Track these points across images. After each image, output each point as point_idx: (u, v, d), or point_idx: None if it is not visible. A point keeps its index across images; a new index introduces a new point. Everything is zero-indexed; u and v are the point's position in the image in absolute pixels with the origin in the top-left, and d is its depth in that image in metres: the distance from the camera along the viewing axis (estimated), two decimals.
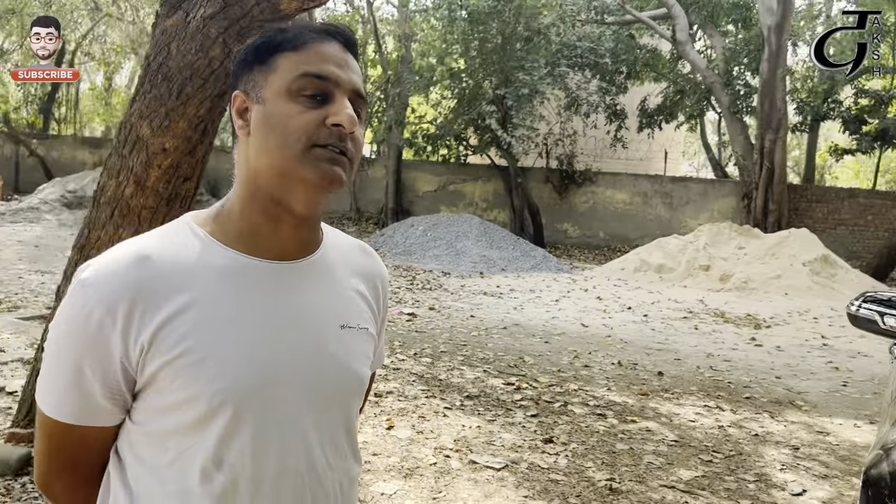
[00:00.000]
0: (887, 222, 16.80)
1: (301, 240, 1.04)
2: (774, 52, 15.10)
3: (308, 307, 1.03)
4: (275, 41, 1.00)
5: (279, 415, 0.98)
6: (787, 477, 4.03)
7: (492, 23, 15.31)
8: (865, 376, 6.63)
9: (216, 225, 1.02)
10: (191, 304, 0.95)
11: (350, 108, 0.97)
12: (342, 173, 0.96)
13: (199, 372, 0.93)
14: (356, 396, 1.09)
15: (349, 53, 1.02)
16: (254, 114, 0.99)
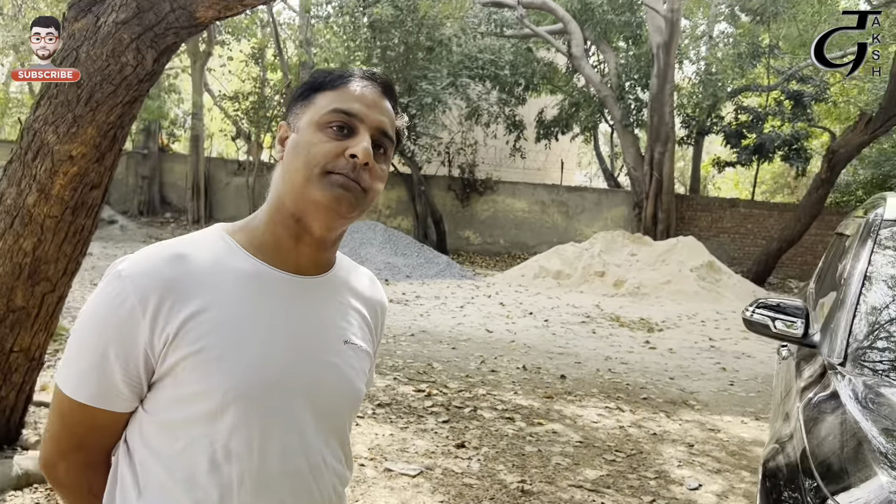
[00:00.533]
0: (765, 230, 18.03)
1: (317, 258, 1.15)
2: (663, 68, 15.93)
3: (317, 320, 1.14)
4: (318, 80, 1.13)
5: (284, 415, 1.07)
6: (685, 473, 4.29)
7: (394, 32, 15.39)
8: (750, 375, 7.11)
9: (244, 235, 1.13)
10: (214, 303, 1.04)
11: (368, 142, 1.07)
12: (350, 199, 1.06)
13: (216, 367, 1.02)
14: (353, 407, 1.19)
15: (386, 98, 1.14)
16: (289, 141, 1.11)
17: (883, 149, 19.45)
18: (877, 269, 2.54)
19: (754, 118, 19.10)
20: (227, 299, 1.05)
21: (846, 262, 2.71)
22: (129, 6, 3.00)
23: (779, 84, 19.11)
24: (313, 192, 1.05)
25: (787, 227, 15.59)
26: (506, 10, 17.94)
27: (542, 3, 17.74)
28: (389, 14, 14.90)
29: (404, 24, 15.21)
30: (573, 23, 17.30)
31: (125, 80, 3.06)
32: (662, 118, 16.20)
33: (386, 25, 15.22)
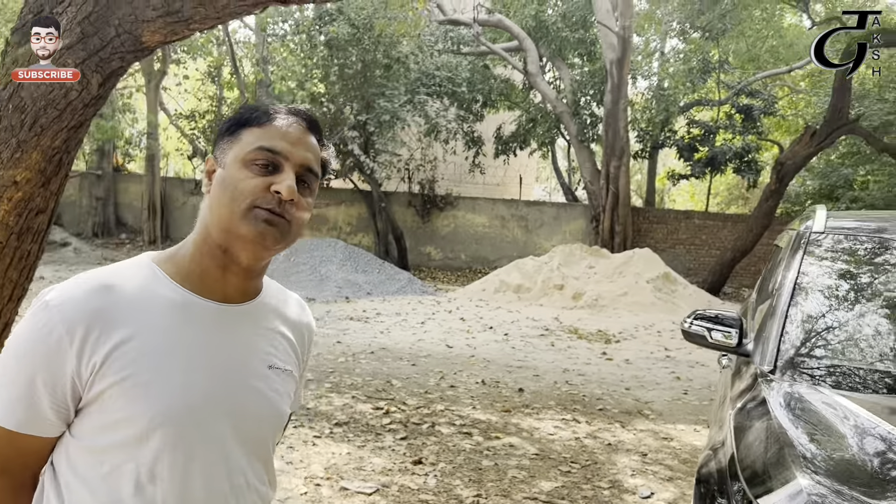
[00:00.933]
0: (719, 241, 18.44)
1: (244, 287, 1.19)
2: (616, 84, 16.25)
3: (241, 346, 1.18)
4: (244, 116, 1.18)
5: (207, 438, 1.11)
6: (638, 482, 4.37)
7: (351, 49, 15.45)
8: (703, 384, 7.27)
9: (171, 265, 1.17)
10: (140, 332, 1.08)
11: (292, 179, 1.12)
12: (275, 233, 1.12)
13: (141, 394, 1.06)
14: (275, 429, 1.24)
15: (311, 134, 1.19)
16: (216, 175, 1.16)
17: (830, 160, 20.09)
18: (806, 279, 2.65)
19: (706, 132, 19.59)
20: (152, 328, 1.09)
21: (778, 273, 2.82)
22: (73, 31, 3.01)
23: (729, 98, 19.65)
24: (240, 226, 1.10)
25: (740, 237, 15.97)
26: (462, 27, 18.16)
27: (498, 20, 18.00)
28: (346, 32, 14.97)
29: (361, 42, 15.29)
30: (528, 40, 17.57)
31: (70, 105, 3.06)
32: (617, 133, 16.51)
33: (343, 43, 15.29)
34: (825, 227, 2.89)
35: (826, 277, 2.69)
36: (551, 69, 19.90)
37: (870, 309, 2.55)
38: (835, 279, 2.69)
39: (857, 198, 18.34)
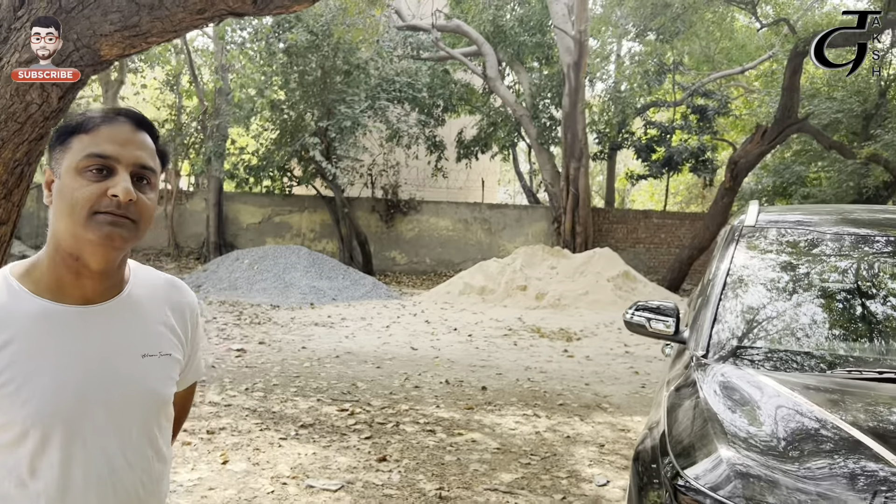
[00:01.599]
0: (677, 239, 18.84)
1: (101, 287, 1.26)
2: (574, 87, 16.55)
3: (110, 342, 1.25)
4: (71, 125, 1.22)
5: (83, 432, 1.20)
6: (594, 471, 4.54)
7: (311, 56, 15.50)
8: (660, 378, 7.49)
9: (29, 278, 1.23)
10: (6, 343, 1.16)
11: (127, 181, 1.18)
12: (122, 233, 1.18)
13: (13, 400, 1.15)
14: (156, 410, 1.32)
15: (141, 131, 1.25)
16: (54, 186, 1.21)
17: (783, 158, 20.66)
18: (737, 270, 2.84)
19: (663, 132, 20.03)
20: (18, 339, 1.17)
21: (713, 266, 3.01)
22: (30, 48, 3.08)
23: (684, 99, 20.12)
24: (85, 233, 1.16)
25: (698, 235, 16.36)
26: (421, 33, 18.33)
27: (456, 26, 18.20)
28: (305, 39, 15.02)
29: (320, 48, 15.35)
30: (487, 45, 17.80)
31: (31, 118, 3.13)
32: (576, 135, 16.80)
33: (302, 50, 15.33)
34: (756, 222, 3.09)
35: (755, 268, 2.88)
36: (510, 73, 20.16)
37: (794, 297, 2.75)
38: (763, 270, 2.88)
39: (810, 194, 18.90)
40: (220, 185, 18.60)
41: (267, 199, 19.03)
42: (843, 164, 16.94)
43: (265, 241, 18.58)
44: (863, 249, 2.86)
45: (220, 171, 17.91)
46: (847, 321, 2.62)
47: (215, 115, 17.58)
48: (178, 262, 17.99)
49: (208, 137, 17.73)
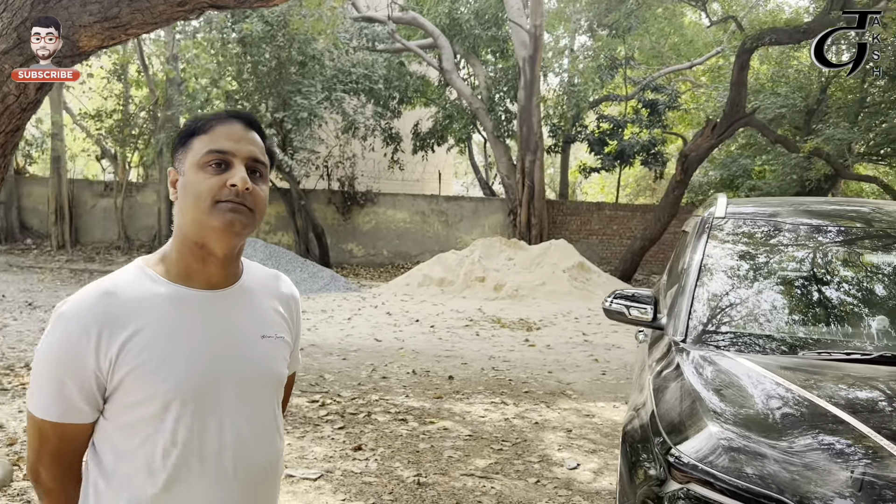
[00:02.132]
0: (629, 231, 19.24)
1: (224, 273, 1.39)
2: (529, 81, 16.74)
3: (234, 323, 1.39)
4: (191, 128, 1.37)
5: (216, 406, 1.32)
6: (564, 455, 4.68)
7: (265, 47, 15.33)
8: (619, 365, 7.71)
9: (161, 266, 1.37)
10: (145, 326, 1.28)
11: (243, 172, 1.32)
12: (241, 219, 1.31)
13: (154, 376, 1.27)
14: (275, 389, 1.46)
15: (251, 130, 1.39)
16: (179, 184, 1.35)
17: (730, 151, 21.25)
18: (710, 260, 2.98)
19: (615, 126, 20.40)
20: (154, 321, 1.28)
21: (686, 255, 3.15)
22: (9, 37, 3.04)
23: (635, 93, 20.51)
24: (210, 220, 1.29)
25: (649, 226, 16.73)
26: (377, 25, 18.27)
27: (412, 18, 18.20)
28: (260, 29, 14.84)
29: (275, 39, 15.18)
30: (443, 37, 17.85)
31: (8, 110, 3.09)
32: (531, 128, 17.00)
33: (256, 41, 15.14)
34: (726, 213, 3.24)
35: (727, 257, 3.03)
36: (466, 66, 20.25)
37: (765, 284, 2.90)
38: (735, 259, 3.03)
39: (756, 186, 19.51)
40: None
41: None
42: (787, 157, 17.53)
43: None
44: (825, 239, 3.04)
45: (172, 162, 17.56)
46: (814, 306, 2.78)
47: (167, 105, 17.24)
48: (129, 256, 17.59)
49: (159, 128, 17.38)
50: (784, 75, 18.44)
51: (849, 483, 1.66)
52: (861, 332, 2.58)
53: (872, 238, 3.04)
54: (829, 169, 16.30)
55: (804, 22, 15.21)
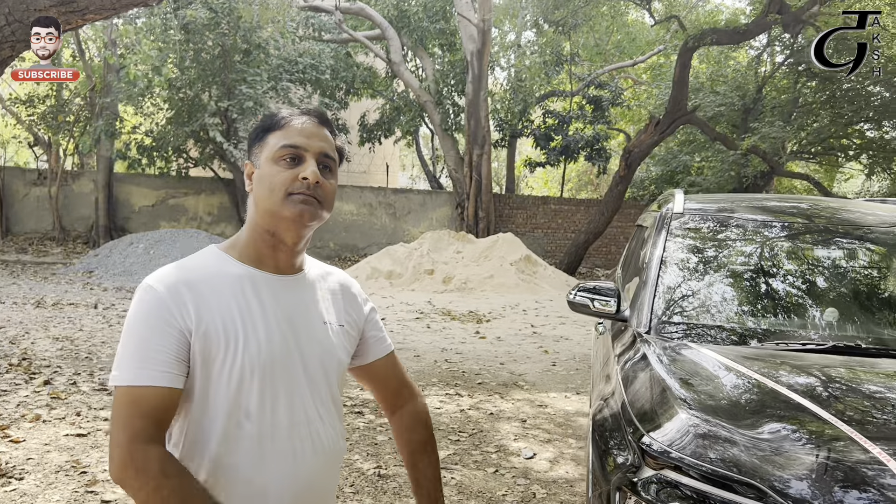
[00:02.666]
0: (573, 224, 19.56)
1: (291, 261, 1.48)
2: (477, 75, 16.81)
3: (301, 306, 1.47)
4: (266, 124, 1.46)
5: (286, 382, 1.40)
6: (520, 445, 4.76)
7: (209, 34, 14.99)
8: (569, 356, 7.86)
9: (234, 250, 1.46)
10: (222, 300, 1.36)
11: (314, 166, 1.40)
12: (311, 210, 1.40)
13: (229, 349, 1.33)
14: (338, 373, 1.53)
15: (323, 126, 1.48)
16: (255, 175, 1.45)
17: (671, 148, 21.81)
18: (670, 254, 3.08)
19: (560, 121, 20.68)
20: (230, 296, 1.36)
21: (646, 250, 3.24)
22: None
23: (580, 90, 20.82)
24: (282, 210, 1.38)
25: (593, 220, 17.05)
26: (324, 14, 18.07)
27: (360, 9, 18.06)
28: (204, 16, 14.51)
29: (219, 26, 14.87)
30: (391, 29, 17.77)
31: None
32: (479, 122, 17.09)
33: (200, 28, 14.80)
34: (684, 209, 3.35)
35: (686, 252, 3.13)
36: (414, 59, 20.21)
37: (724, 277, 3.02)
38: (693, 253, 3.14)
39: (695, 182, 20.08)
40: (111, 165, 17.74)
41: (161, 181, 18.30)
42: (725, 154, 18.09)
43: (159, 225, 17.89)
44: (781, 233, 3.17)
45: (110, 150, 17.06)
46: (772, 298, 2.91)
47: (104, 91, 16.69)
48: (65, 247, 17.02)
49: (97, 115, 16.82)
50: (723, 75, 18.99)
51: (813, 466, 1.76)
52: (815, 324, 2.71)
53: (824, 233, 3.19)
54: (765, 166, 16.90)
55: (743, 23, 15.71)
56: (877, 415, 2.03)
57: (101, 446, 4.32)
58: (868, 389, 2.23)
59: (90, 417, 4.88)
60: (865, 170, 19.65)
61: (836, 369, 2.33)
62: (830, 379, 2.28)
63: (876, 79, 17.01)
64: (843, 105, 17.66)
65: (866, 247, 3.10)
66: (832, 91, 17.69)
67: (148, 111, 17.69)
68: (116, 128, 16.87)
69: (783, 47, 18.76)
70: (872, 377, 2.30)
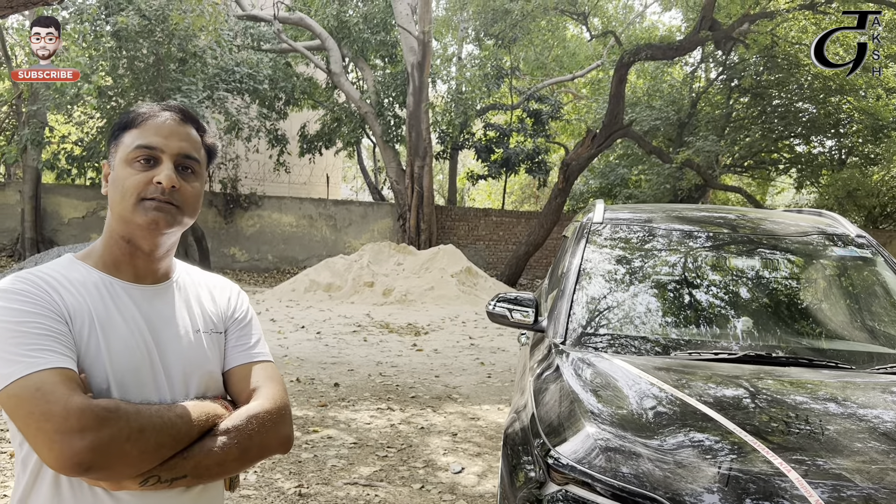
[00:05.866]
0: (515, 236, 19.67)
1: (151, 268, 1.38)
2: (418, 87, 16.80)
3: (163, 318, 1.36)
4: (123, 121, 1.36)
5: (144, 396, 1.27)
6: (449, 459, 4.69)
7: (142, 42, 14.60)
8: (504, 368, 7.83)
9: (90, 258, 1.36)
10: (80, 307, 1.25)
11: (170, 169, 1.31)
12: (166, 218, 1.30)
13: (95, 357, 1.23)
14: (205, 386, 1.39)
15: (186, 124, 1.38)
16: (110, 177, 1.35)
17: (609, 161, 22.19)
18: (589, 264, 3.05)
19: (501, 134, 20.83)
20: (87, 303, 1.26)
21: (566, 260, 3.21)
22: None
23: (520, 103, 21.01)
24: (134, 217, 1.29)
25: (533, 232, 17.16)
26: (262, 24, 17.82)
27: (299, 19, 17.87)
28: (136, 23, 14.11)
29: (153, 34, 14.49)
30: (331, 40, 17.63)
31: None
32: (420, 134, 17.06)
33: (133, 35, 14.39)
34: (603, 218, 3.34)
35: (605, 262, 3.11)
36: (354, 70, 20.08)
37: (641, 287, 3.00)
38: (612, 263, 3.12)
39: (632, 195, 20.45)
40: (38, 176, 17.06)
41: (92, 192, 17.68)
42: (661, 167, 18.47)
43: (90, 237, 17.27)
44: (696, 243, 3.18)
45: (37, 160, 16.42)
46: (686, 308, 2.90)
47: (32, 99, 16.08)
48: None
49: (23, 124, 16.19)
50: (658, 90, 19.45)
51: (717, 478, 1.73)
52: (728, 333, 2.71)
53: (739, 243, 3.21)
54: (699, 179, 17.30)
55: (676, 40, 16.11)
56: (781, 425, 2.02)
57: (3, 470, 4.07)
58: (775, 399, 2.23)
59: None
60: (795, 183, 20.34)
61: (746, 379, 2.32)
62: (739, 389, 2.27)
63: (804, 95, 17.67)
64: (773, 120, 18.28)
65: (779, 257, 3.13)
66: (763, 107, 18.30)
67: (79, 120, 17.12)
68: (45, 137, 16.27)
69: (716, 64, 19.32)
70: (781, 387, 2.30)
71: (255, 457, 1.32)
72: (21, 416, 1.12)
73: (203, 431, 1.25)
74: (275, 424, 1.36)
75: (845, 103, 17.66)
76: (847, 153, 20.00)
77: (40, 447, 1.11)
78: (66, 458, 1.09)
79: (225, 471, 1.28)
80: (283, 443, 1.38)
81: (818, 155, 19.79)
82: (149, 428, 1.16)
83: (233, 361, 1.46)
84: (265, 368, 1.48)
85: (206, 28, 14.02)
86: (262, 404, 1.37)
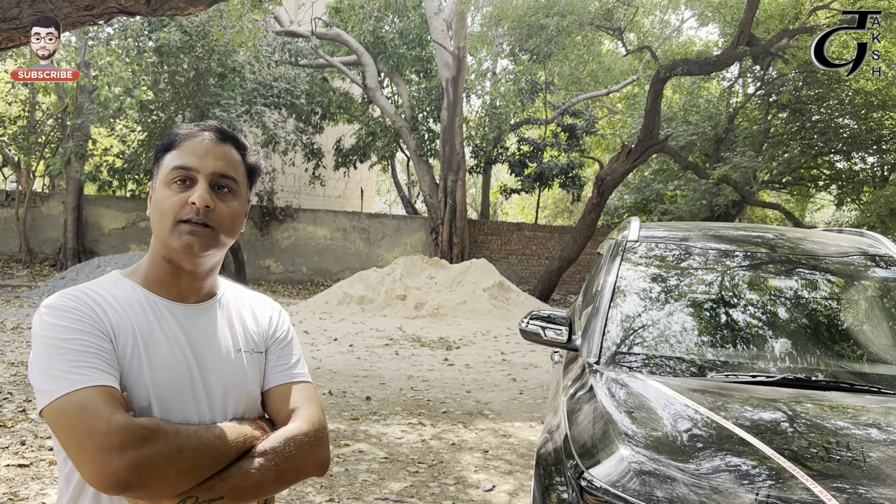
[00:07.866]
0: (548, 251, 19.59)
1: (195, 287, 1.39)
2: (452, 102, 16.88)
3: (206, 336, 1.37)
4: (165, 143, 1.37)
5: (186, 414, 1.29)
6: (481, 476, 4.66)
7: (183, 57, 14.92)
8: (537, 384, 7.78)
9: (136, 276, 1.38)
10: (125, 323, 1.27)
11: (203, 189, 1.31)
12: (200, 241, 1.30)
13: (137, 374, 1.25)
14: (244, 406, 1.41)
15: (224, 143, 1.37)
16: (152, 199, 1.36)
17: (644, 176, 22.00)
18: (624, 282, 3.03)
19: (535, 149, 20.81)
20: (132, 321, 1.28)
21: (601, 278, 3.19)
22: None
23: (555, 118, 20.97)
24: (171, 240, 1.30)
25: (566, 247, 17.08)
26: (300, 40, 18.08)
27: (336, 34, 18.10)
28: (178, 39, 14.44)
29: (194, 49, 14.80)
30: (367, 55, 17.82)
31: None
32: (454, 148, 17.13)
33: (174, 50, 14.72)
34: (639, 236, 3.31)
35: (640, 280, 3.09)
36: (389, 84, 20.26)
37: (677, 306, 2.97)
38: (647, 282, 3.09)
39: (668, 210, 20.24)
40: (81, 187, 17.48)
41: (132, 204, 18.06)
42: (697, 183, 18.27)
43: (129, 248, 17.63)
44: (733, 263, 3.14)
45: (80, 172, 16.84)
46: (723, 328, 2.86)
47: (77, 113, 16.51)
48: (31, 269, 16.69)
49: (68, 137, 16.62)
50: (695, 105, 19.26)
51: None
52: (766, 355, 2.66)
53: (777, 263, 3.16)
54: (736, 195, 17.07)
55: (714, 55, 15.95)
56: (821, 451, 1.97)
57: (42, 477, 4.15)
58: (815, 424, 2.18)
59: (35, 447, 4.70)
60: (835, 200, 19.94)
61: (785, 403, 2.28)
62: (776, 413, 2.22)
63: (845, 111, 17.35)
64: (813, 136, 17.98)
65: (819, 277, 3.07)
66: (802, 122, 18.00)
67: (121, 133, 17.53)
68: (88, 150, 16.68)
69: (754, 79, 19.08)
70: (821, 411, 2.25)
71: (291, 479, 1.32)
72: (64, 433, 1.14)
73: (241, 453, 1.26)
74: (312, 447, 1.36)
75: (888, 119, 17.29)
76: (890, 170, 19.55)
77: (81, 464, 1.13)
78: (105, 475, 1.11)
79: (262, 492, 1.28)
80: (320, 465, 1.39)
81: (859, 171, 19.38)
82: (187, 448, 1.18)
83: (272, 381, 1.47)
84: (304, 389, 1.48)
85: (246, 44, 14.25)
86: (299, 426, 1.38)
